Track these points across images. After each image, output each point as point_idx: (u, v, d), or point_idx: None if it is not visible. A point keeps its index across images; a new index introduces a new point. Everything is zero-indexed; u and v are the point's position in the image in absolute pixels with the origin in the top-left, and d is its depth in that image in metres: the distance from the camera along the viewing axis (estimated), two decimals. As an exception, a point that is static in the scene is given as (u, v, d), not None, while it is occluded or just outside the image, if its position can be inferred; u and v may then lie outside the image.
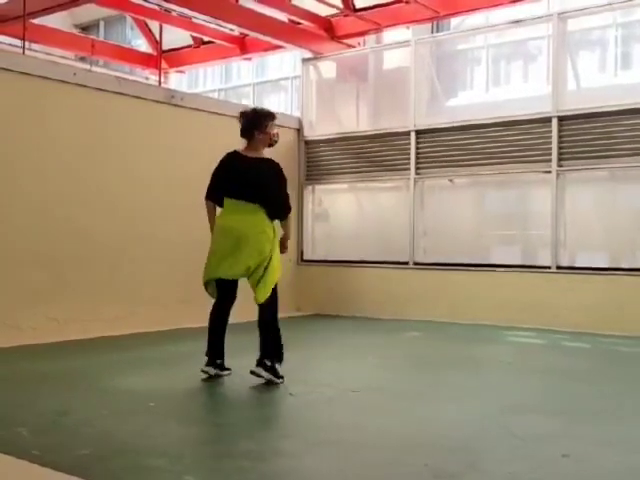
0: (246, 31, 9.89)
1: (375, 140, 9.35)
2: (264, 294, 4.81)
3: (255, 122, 5.02)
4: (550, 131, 7.97)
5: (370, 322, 8.60)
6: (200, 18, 9.48)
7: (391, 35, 9.93)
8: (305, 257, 9.88)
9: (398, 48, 9.54)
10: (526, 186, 8.45)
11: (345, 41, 9.99)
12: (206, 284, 5.19)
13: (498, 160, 8.38)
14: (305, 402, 4.38)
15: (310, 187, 9.98)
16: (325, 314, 9.32)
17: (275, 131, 5.15)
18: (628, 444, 3.51)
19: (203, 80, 14.52)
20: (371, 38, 10.14)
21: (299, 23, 9.93)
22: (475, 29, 9.26)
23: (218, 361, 5.00)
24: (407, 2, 9.18)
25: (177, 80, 13.31)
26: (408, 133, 8.98)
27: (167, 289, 7.93)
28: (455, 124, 8.67)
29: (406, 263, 8.91)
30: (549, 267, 7.96)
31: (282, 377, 4.78)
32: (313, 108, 10.18)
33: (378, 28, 9.66)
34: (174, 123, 8.15)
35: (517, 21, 8.52)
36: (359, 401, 4.46)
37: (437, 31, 10.11)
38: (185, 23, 10.60)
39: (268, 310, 4.92)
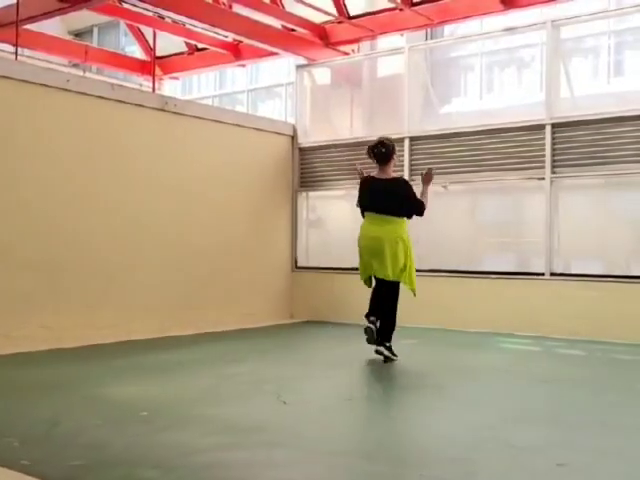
0: (240, 38, 9.88)
1: (369, 147, 9.33)
2: (412, 282, 6.17)
3: (393, 151, 6.21)
4: (543, 138, 7.99)
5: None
6: (194, 25, 9.47)
7: (385, 42, 9.94)
8: (299, 264, 9.86)
9: (392, 55, 9.54)
10: (520, 193, 8.46)
11: (339, 48, 10.00)
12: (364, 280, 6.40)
13: (492, 167, 8.39)
14: (298, 410, 4.36)
15: (304, 194, 9.96)
16: (319, 321, 9.30)
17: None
18: (624, 454, 3.49)
19: (197, 87, 14.52)
20: (365, 45, 10.15)
21: (293, 30, 9.93)
22: (469, 36, 9.28)
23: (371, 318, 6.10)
24: (401, 9, 9.20)
25: (171, 87, 13.29)
26: (402, 140, 8.97)
27: (163, 297, 7.89)
28: (449, 131, 8.68)
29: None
30: (543, 274, 7.97)
31: (396, 355, 6.08)
32: (307, 115, 10.17)
33: (372, 35, 9.68)
34: (168, 130, 8.13)
35: (511, 29, 8.54)
36: (353, 410, 4.44)
37: (431, 38, 10.13)
38: (179, 30, 10.60)
39: (391, 300, 6.14)
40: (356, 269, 9.34)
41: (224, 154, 8.81)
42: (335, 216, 9.97)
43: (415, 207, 6.17)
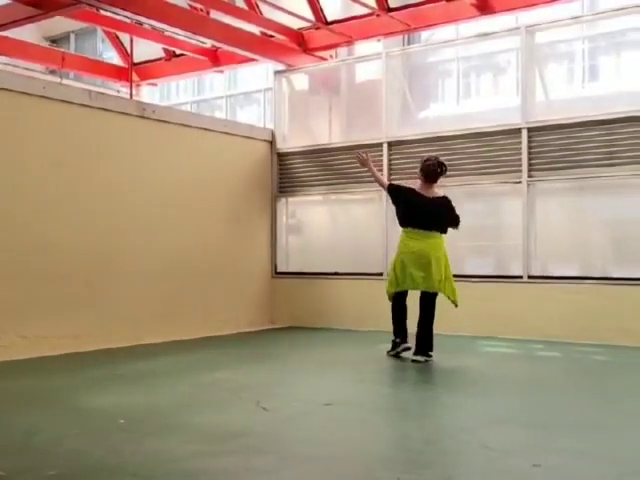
0: (218, 44, 9.88)
1: (348, 152, 9.36)
2: (454, 294, 6.42)
3: (444, 171, 6.39)
4: (520, 142, 8.07)
5: (345, 334, 8.60)
6: (172, 31, 9.45)
7: (362, 48, 9.99)
8: (279, 270, 9.86)
9: (369, 61, 9.60)
10: (497, 197, 8.53)
11: (317, 54, 10.03)
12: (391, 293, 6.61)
13: (469, 171, 8.46)
14: (279, 417, 4.36)
15: (283, 199, 9.97)
16: (299, 326, 9.30)
17: None
18: (600, 454, 3.54)
19: (175, 93, 14.47)
20: (342, 51, 10.19)
21: (271, 36, 9.95)
22: (445, 42, 9.34)
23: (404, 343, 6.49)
24: (378, 15, 9.25)
25: (149, 93, 13.24)
26: (380, 145, 9.03)
27: (141, 304, 7.85)
28: (427, 136, 8.74)
29: (380, 274, 8.92)
30: (521, 277, 8.04)
31: (431, 355, 6.37)
32: (285, 120, 10.19)
33: (350, 41, 9.72)
34: (146, 136, 8.10)
35: (486, 34, 8.63)
36: (333, 415, 4.45)
37: (408, 44, 10.19)
38: (157, 36, 10.56)
39: (433, 311, 6.39)
40: (337, 274, 9.46)
41: (202, 160, 8.80)
42: (314, 221, 9.99)
43: (456, 222, 6.47)
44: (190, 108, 13.58)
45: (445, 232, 6.40)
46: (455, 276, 8.38)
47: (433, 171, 6.34)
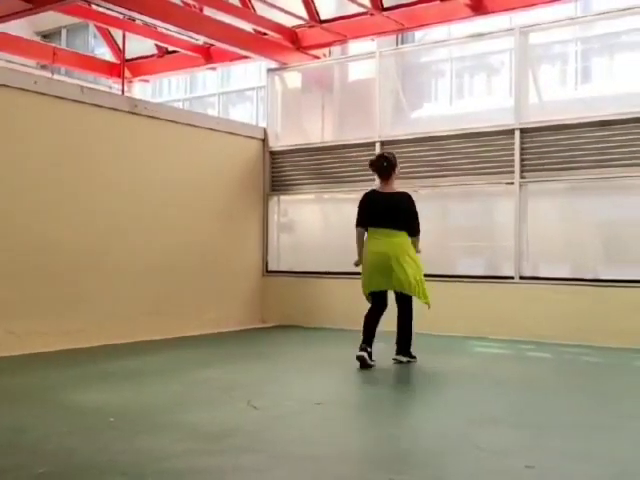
0: (211, 41, 9.84)
1: (340, 151, 9.37)
2: (425, 296, 6.14)
3: (395, 163, 6.23)
4: (513, 143, 8.08)
5: (336, 333, 8.58)
6: (164, 27, 9.40)
7: (356, 47, 9.97)
8: (270, 268, 9.83)
9: (363, 60, 9.59)
10: (489, 197, 8.54)
11: (310, 52, 10.00)
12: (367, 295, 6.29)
13: (462, 171, 8.46)
14: (268, 416, 4.34)
15: (275, 198, 9.94)
16: (291, 325, 9.28)
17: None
18: (592, 455, 3.54)
19: (168, 89, 14.42)
20: (336, 49, 10.17)
21: (264, 34, 9.92)
22: (439, 42, 9.35)
23: (369, 349, 6.03)
24: (372, 14, 9.24)
25: (141, 89, 13.18)
26: (373, 144, 9.02)
27: (131, 302, 7.80)
28: (420, 135, 8.73)
29: (371, 274, 8.91)
30: (512, 277, 8.05)
31: (415, 357, 6.24)
32: (278, 119, 10.16)
33: (343, 39, 9.70)
34: (138, 133, 8.05)
35: (480, 35, 8.63)
36: (324, 415, 4.43)
37: (401, 43, 10.19)
38: (149, 32, 10.52)
39: (406, 310, 6.18)
40: (328, 273, 9.44)
41: (194, 158, 8.76)
42: (306, 220, 9.96)
43: (417, 225, 6.19)
44: (182, 105, 13.53)
45: (410, 232, 6.10)
46: (446, 276, 8.50)
47: (380, 166, 6.18)
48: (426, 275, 8.44)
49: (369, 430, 4.06)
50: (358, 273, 9.00)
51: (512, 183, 8.08)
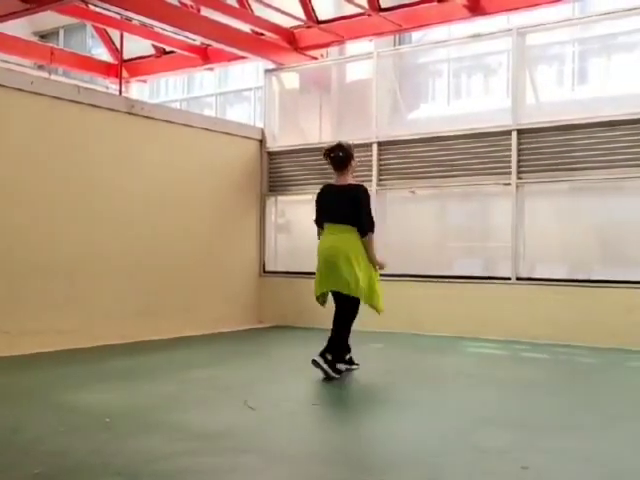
0: (208, 41, 9.84)
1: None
2: (377, 301, 5.63)
3: (351, 155, 5.73)
4: (510, 144, 8.08)
5: (332, 334, 8.56)
6: (162, 27, 9.40)
7: (354, 47, 9.97)
8: (267, 268, 9.83)
9: (360, 60, 9.59)
10: (486, 198, 8.54)
11: (308, 53, 10.00)
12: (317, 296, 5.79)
13: (459, 172, 8.45)
14: (265, 416, 4.33)
15: (272, 198, 9.94)
16: (287, 326, 9.27)
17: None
18: (587, 455, 3.54)
19: (165, 90, 14.41)
20: (334, 50, 10.17)
21: (262, 34, 9.91)
22: (436, 43, 9.35)
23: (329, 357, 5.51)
24: (370, 15, 9.24)
25: (139, 90, 13.17)
26: (370, 145, 9.02)
27: (126, 301, 7.79)
28: (417, 136, 8.73)
29: (368, 274, 8.91)
30: (509, 278, 8.05)
31: (340, 373, 5.53)
32: (276, 119, 10.16)
33: (341, 40, 9.70)
34: (135, 133, 8.05)
35: (477, 35, 8.63)
36: (320, 415, 4.43)
37: (399, 44, 10.19)
38: (146, 32, 10.51)
39: (345, 316, 5.66)
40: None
41: (192, 158, 8.75)
42: (303, 220, 9.92)
43: (366, 221, 5.58)
44: (180, 106, 13.52)
45: (360, 229, 5.54)
46: (443, 277, 8.50)
47: (335, 156, 5.66)
48: (424, 276, 8.57)
49: (365, 431, 4.05)
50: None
51: (509, 184, 8.08)
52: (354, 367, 5.86)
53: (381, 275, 5.83)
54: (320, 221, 5.79)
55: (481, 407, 4.67)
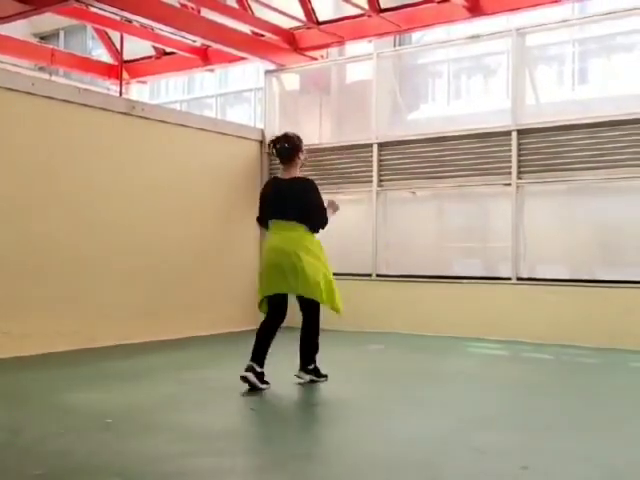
0: (209, 42, 9.84)
1: (338, 152, 9.37)
2: (332, 300, 5.27)
3: (298, 147, 5.32)
4: (510, 144, 8.08)
5: (333, 334, 8.55)
6: (162, 29, 9.40)
7: (353, 48, 9.98)
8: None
9: (360, 61, 9.59)
10: (487, 199, 8.54)
11: (308, 54, 10.00)
12: (260, 302, 5.44)
13: (459, 173, 8.46)
14: (266, 416, 4.34)
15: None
16: (287, 326, 9.21)
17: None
18: (588, 456, 3.54)
19: (165, 91, 14.41)
20: (333, 51, 10.17)
21: (262, 35, 9.92)
22: (436, 43, 9.36)
23: (258, 369, 5.09)
24: (369, 16, 9.24)
25: (139, 91, 13.18)
26: (370, 145, 9.02)
27: (126, 302, 7.79)
28: (417, 137, 8.73)
29: (369, 275, 8.92)
30: (510, 279, 8.05)
31: (325, 375, 5.41)
32: (276, 120, 10.15)
33: (340, 41, 9.70)
34: (135, 134, 8.05)
35: (477, 36, 8.64)
36: (321, 415, 4.44)
37: (399, 45, 10.19)
38: (147, 33, 10.50)
39: (309, 319, 5.42)
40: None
41: (192, 159, 8.76)
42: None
43: (317, 217, 5.25)
44: (180, 107, 13.52)
45: (310, 226, 5.22)
46: (444, 277, 8.50)
47: (280, 149, 5.26)
48: (425, 276, 8.58)
49: (365, 430, 4.05)
50: (356, 274, 9.09)
51: (509, 184, 8.08)
52: (322, 379, 5.44)
53: (382, 275, 5.81)
54: (264, 218, 5.40)
55: (481, 407, 4.67)
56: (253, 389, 4.95)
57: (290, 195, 5.21)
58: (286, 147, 5.25)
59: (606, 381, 5.74)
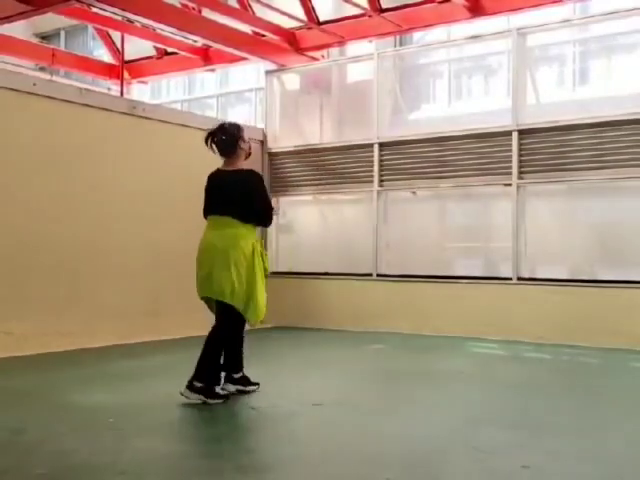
0: (210, 42, 9.85)
1: (339, 152, 9.38)
2: (252, 313, 4.88)
3: (238, 137, 4.88)
4: (510, 145, 8.09)
5: (334, 334, 8.59)
6: (163, 29, 9.41)
7: (354, 48, 9.99)
8: (269, 269, 9.81)
9: (361, 61, 9.60)
10: (488, 198, 8.55)
11: (308, 54, 10.01)
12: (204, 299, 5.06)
13: (460, 173, 8.47)
14: (268, 416, 4.34)
15: (274, 199, 9.91)
16: (289, 326, 9.28)
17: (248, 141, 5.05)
18: (588, 455, 3.55)
19: (166, 91, 14.42)
20: (334, 51, 10.18)
21: (263, 35, 9.93)
22: (437, 43, 9.37)
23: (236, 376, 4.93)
24: (370, 16, 9.25)
25: (140, 91, 13.18)
26: (371, 145, 9.03)
27: (131, 302, 7.81)
28: (418, 137, 8.74)
29: (370, 275, 8.93)
30: (510, 279, 8.05)
31: (224, 397, 4.68)
32: (277, 120, 10.17)
33: (341, 41, 9.71)
34: (136, 134, 8.06)
35: (478, 36, 8.65)
36: (322, 415, 4.44)
37: (399, 45, 10.20)
38: (148, 33, 10.51)
39: (218, 326, 4.91)
40: (327, 274, 9.46)
41: (193, 159, 8.72)
42: (305, 221, 9.97)
43: (261, 211, 4.80)
44: (181, 107, 13.52)
45: (247, 220, 4.76)
46: (444, 277, 8.51)
47: (216, 142, 4.88)
48: (425, 276, 8.58)
49: (366, 430, 4.06)
50: (357, 274, 9.11)
51: (510, 184, 8.09)
52: (251, 388, 4.98)
53: (383, 275, 5.79)
54: (204, 213, 5.10)
55: (481, 407, 4.68)
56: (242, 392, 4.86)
57: (229, 188, 4.81)
58: (223, 139, 4.84)
59: (606, 381, 5.75)
